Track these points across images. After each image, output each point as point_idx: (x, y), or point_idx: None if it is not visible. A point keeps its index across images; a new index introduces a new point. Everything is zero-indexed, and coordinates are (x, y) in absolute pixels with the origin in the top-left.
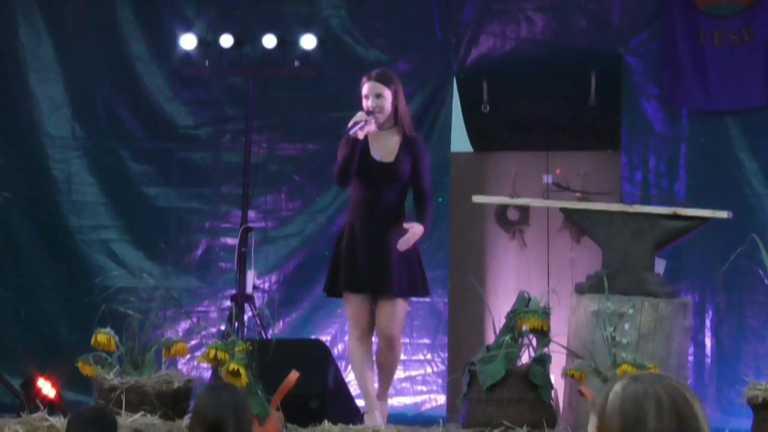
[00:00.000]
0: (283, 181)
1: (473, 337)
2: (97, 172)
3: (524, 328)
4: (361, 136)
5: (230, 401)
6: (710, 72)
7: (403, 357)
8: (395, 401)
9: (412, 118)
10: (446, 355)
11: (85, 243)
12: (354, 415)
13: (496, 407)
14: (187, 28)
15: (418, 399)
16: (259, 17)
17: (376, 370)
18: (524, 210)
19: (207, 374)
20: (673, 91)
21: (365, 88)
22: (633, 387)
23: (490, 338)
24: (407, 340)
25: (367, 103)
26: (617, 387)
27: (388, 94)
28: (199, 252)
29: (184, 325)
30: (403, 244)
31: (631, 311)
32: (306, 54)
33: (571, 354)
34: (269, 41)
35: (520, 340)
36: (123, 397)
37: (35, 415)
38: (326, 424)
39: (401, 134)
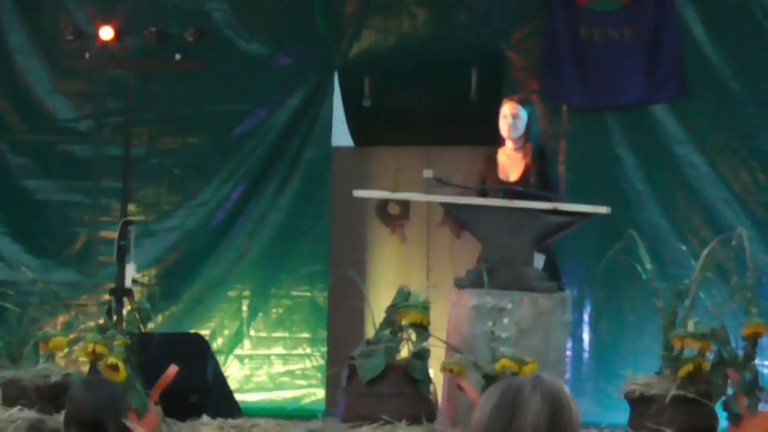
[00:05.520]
0: (164, 175)
1: (353, 331)
2: None
3: (404, 322)
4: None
5: (109, 398)
6: (590, 68)
7: (282, 351)
8: (274, 395)
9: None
10: (326, 349)
11: None
12: (233, 409)
13: (375, 401)
14: (68, 20)
15: (298, 393)
16: (140, 10)
17: None
18: (405, 204)
19: (85, 368)
20: (553, 87)
21: (505, 108)
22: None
23: (370, 333)
24: (287, 334)
25: (504, 122)
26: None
27: (524, 115)
28: (78, 245)
29: (62, 318)
30: None
31: (510, 306)
32: (187, 47)
33: (451, 348)
34: (150, 34)
35: (399, 334)
36: (0, 391)
37: None
38: (205, 418)
39: (530, 155)
